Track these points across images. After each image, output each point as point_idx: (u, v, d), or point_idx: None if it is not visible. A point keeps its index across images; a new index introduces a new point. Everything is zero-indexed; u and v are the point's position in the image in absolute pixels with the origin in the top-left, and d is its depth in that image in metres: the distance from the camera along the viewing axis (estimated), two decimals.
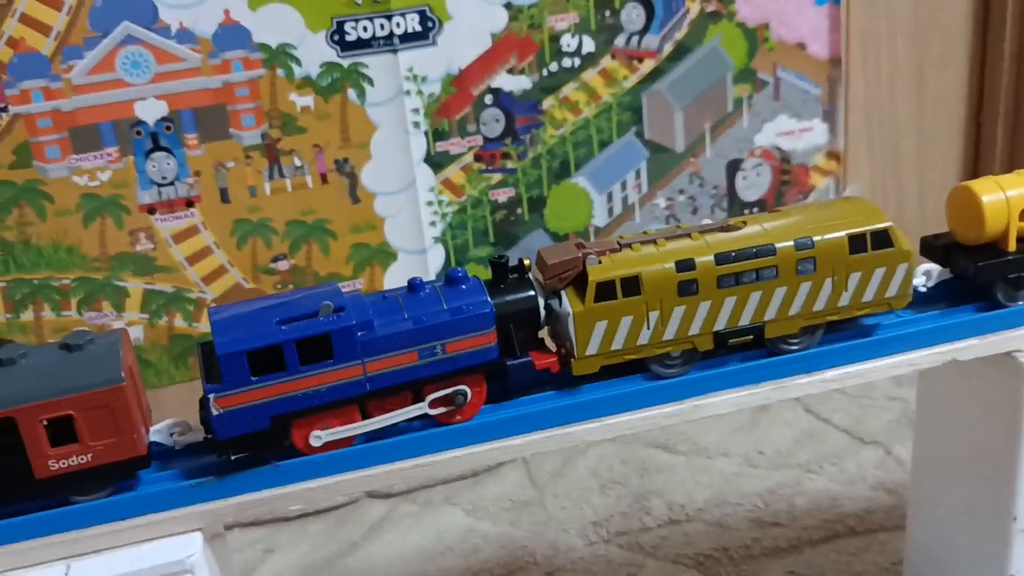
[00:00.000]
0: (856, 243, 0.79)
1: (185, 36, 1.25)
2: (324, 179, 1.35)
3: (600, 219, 1.48)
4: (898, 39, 1.52)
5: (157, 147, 1.28)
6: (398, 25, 1.30)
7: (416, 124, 1.36)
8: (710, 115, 1.48)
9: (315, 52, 1.29)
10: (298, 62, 1.29)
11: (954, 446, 0.97)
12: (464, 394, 0.76)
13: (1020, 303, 0.86)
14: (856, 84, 1.52)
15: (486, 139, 1.39)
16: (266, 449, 0.73)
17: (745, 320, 0.79)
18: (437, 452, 0.76)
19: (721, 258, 0.77)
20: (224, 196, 1.32)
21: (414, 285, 0.76)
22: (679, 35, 1.42)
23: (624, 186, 1.48)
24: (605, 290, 0.76)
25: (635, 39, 1.41)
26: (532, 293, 0.77)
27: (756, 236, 0.79)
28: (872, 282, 0.80)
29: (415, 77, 1.34)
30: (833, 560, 1.16)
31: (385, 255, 1.41)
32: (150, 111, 1.26)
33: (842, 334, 0.84)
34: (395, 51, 1.31)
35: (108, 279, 1.31)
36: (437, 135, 1.37)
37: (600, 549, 1.22)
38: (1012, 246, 0.85)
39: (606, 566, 1.19)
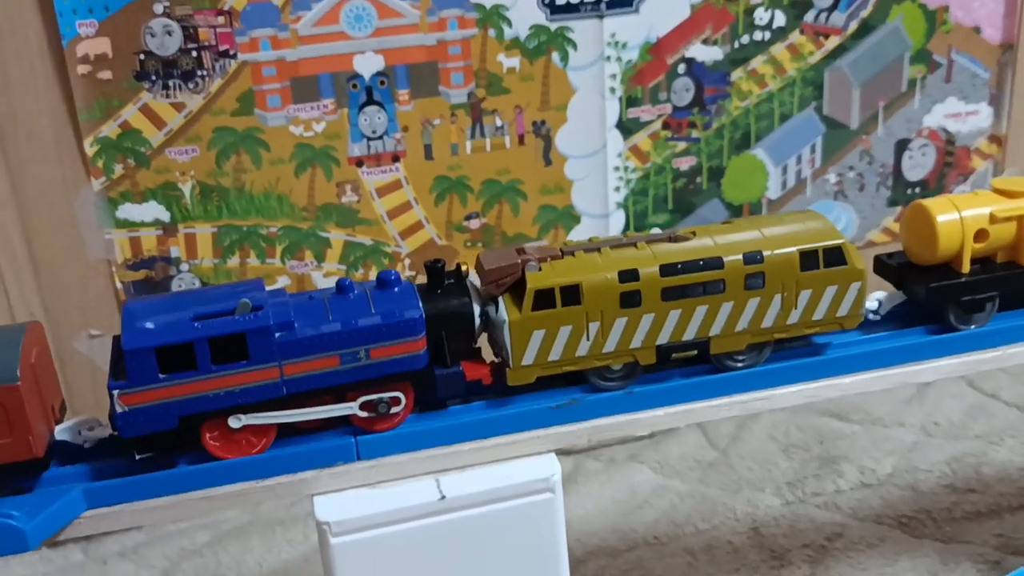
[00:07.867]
0: (808, 259, 0.77)
1: None
2: (521, 140, 1.37)
3: (774, 192, 1.51)
4: None
5: (370, 101, 1.30)
6: None
7: (612, 90, 1.38)
8: (885, 94, 1.51)
9: (526, 14, 1.32)
10: (509, 23, 1.32)
11: None
12: (387, 402, 0.73)
13: (972, 327, 0.83)
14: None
15: (675, 107, 1.42)
16: (174, 450, 0.70)
17: (690, 335, 0.76)
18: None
19: (666, 269, 0.75)
20: (428, 152, 1.35)
21: (342, 286, 0.73)
22: (864, 13, 1.45)
23: (799, 160, 1.51)
24: (543, 298, 0.73)
25: (824, 15, 1.44)
26: (466, 300, 0.74)
27: (704, 249, 0.76)
28: (823, 300, 0.78)
29: (616, 43, 1.36)
30: None
31: (570, 218, 1.43)
32: (367, 65, 1.29)
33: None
34: (601, 16, 1.34)
35: (312, 229, 1.34)
36: (630, 102, 1.40)
37: (799, 508, 1.25)
38: (966, 268, 0.82)
39: (809, 523, 1.22)
